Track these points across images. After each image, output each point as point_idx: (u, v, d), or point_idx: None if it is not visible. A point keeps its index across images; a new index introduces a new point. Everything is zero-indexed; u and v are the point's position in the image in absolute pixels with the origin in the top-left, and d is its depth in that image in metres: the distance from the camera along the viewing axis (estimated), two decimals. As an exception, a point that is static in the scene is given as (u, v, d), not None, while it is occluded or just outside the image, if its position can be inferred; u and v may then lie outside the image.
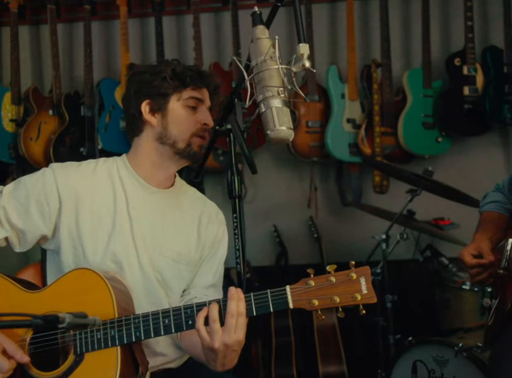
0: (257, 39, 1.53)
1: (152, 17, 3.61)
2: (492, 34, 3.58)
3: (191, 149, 1.73)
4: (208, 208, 1.87)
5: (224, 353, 1.45)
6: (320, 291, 1.42)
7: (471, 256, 1.88)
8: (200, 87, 1.75)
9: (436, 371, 2.27)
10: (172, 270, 1.74)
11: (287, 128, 1.45)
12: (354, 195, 3.63)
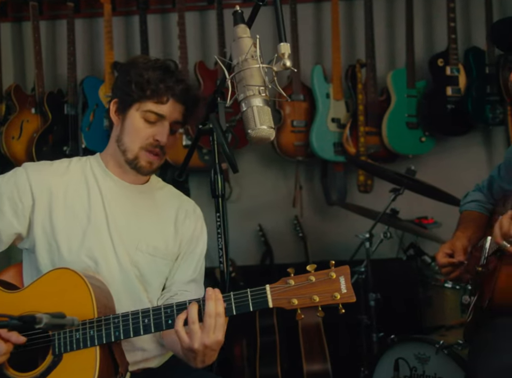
0: (238, 38, 1.53)
1: (137, 16, 3.60)
2: (474, 35, 3.62)
3: (138, 163, 1.70)
4: (184, 204, 1.86)
5: (203, 353, 1.45)
6: (299, 290, 1.43)
7: (444, 254, 1.91)
8: (163, 103, 1.68)
9: (418, 369, 2.29)
10: (149, 264, 1.74)
11: (268, 127, 1.45)
12: (339, 194, 3.64)
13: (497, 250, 1.72)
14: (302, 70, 3.55)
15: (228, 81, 1.51)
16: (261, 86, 1.48)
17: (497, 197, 2.03)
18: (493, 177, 2.08)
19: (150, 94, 1.66)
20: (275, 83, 1.50)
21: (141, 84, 1.66)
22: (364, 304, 2.94)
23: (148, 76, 1.66)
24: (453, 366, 2.13)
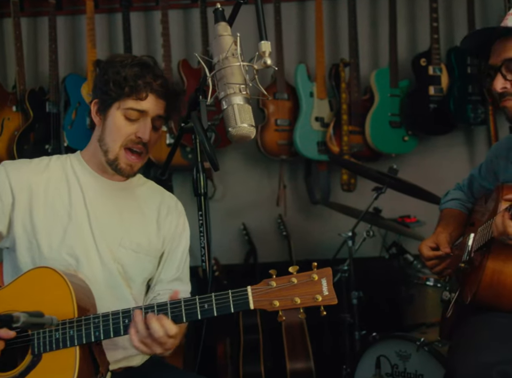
0: (219, 36, 1.53)
1: (120, 13, 3.57)
2: (457, 35, 3.65)
3: (118, 164, 1.70)
4: (166, 199, 1.86)
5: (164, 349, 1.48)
6: (281, 292, 1.42)
7: (428, 248, 1.92)
8: (142, 99, 1.67)
9: (399, 366, 2.31)
10: (132, 261, 1.74)
11: (248, 126, 1.46)
12: (323, 193, 3.66)
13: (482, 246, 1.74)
14: (286, 69, 3.55)
15: (208, 79, 1.51)
16: (241, 84, 1.48)
17: (478, 196, 2.05)
18: (473, 176, 2.10)
19: (128, 91, 1.66)
20: (256, 81, 1.51)
21: (119, 82, 1.65)
22: (346, 302, 2.95)
23: (124, 74, 1.65)
24: (434, 363, 2.15)
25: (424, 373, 2.24)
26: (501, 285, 1.63)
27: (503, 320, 1.65)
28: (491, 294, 1.65)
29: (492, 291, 1.64)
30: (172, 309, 1.47)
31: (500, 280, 1.62)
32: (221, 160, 3.72)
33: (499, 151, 1.97)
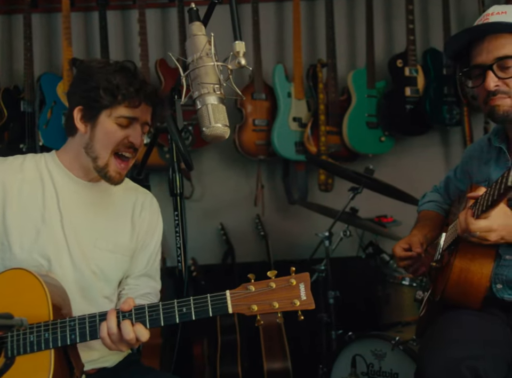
0: (193, 35, 1.53)
1: (96, 12, 3.54)
2: (432, 37, 3.69)
3: (107, 171, 1.68)
4: (141, 196, 1.86)
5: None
6: (259, 296, 1.43)
7: (401, 249, 1.94)
8: (135, 106, 1.67)
9: (374, 365, 2.33)
10: (109, 261, 1.73)
11: (222, 126, 1.45)
12: (300, 193, 3.67)
13: (450, 245, 1.76)
14: (264, 69, 3.56)
15: (182, 79, 1.50)
16: (215, 84, 1.47)
17: (454, 198, 2.08)
18: (449, 178, 2.13)
19: (121, 99, 1.64)
20: (230, 81, 1.50)
21: (111, 89, 1.63)
22: (323, 302, 2.96)
23: (116, 81, 1.64)
24: (408, 361, 2.17)
25: (399, 371, 2.26)
26: (468, 283, 1.65)
27: (470, 317, 1.67)
28: (458, 292, 1.67)
29: (459, 289, 1.67)
30: (150, 312, 1.46)
31: (467, 278, 1.65)
32: (199, 160, 3.72)
33: (473, 152, 2.00)
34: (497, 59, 1.68)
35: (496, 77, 1.68)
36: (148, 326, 1.47)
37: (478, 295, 1.66)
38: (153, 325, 1.46)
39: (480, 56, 1.72)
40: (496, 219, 1.54)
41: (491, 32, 1.69)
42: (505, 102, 1.70)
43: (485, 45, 1.71)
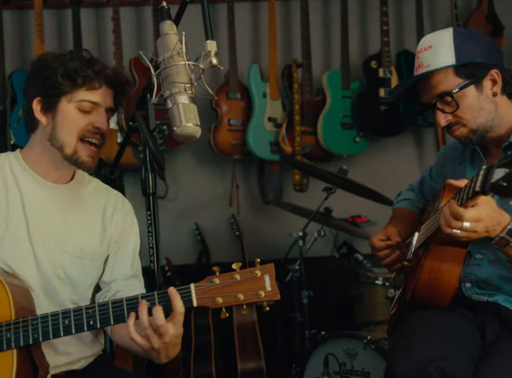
0: (164, 34, 1.52)
1: (70, 9, 3.49)
2: (406, 38, 3.72)
3: (79, 157, 1.64)
4: (112, 198, 1.81)
5: (166, 350, 1.45)
6: (224, 288, 1.43)
7: (379, 240, 1.96)
8: (96, 88, 1.63)
9: (347, 364, 2.34)
10: (76, 267, 1.69)
11: (193, 125, 1.45)
12: (275, 193, 3.67)
13: (422, 244, 1.78)
14: (239, 69, 3.55)
15: (153, 78, 1.50)
16: (187, 83, 1.47)
17: (429, 197, 2.10)
18: (424, 178, 2.16)
19: (81, 82, 1.60)
20: (202, 80, 1.50)
21: (69, 73, 1.59)
22: (297, 301, 2.97)
23: (73, 65, 1.60)
24: (380, 360, 2.19)
25: (370, 370, 2.28)
26: (438, 283, 1.67)
27: (440, 317, 1.69)
28: (428, 291, 1.69)
29: (429, 289, 1.69)
30: (114, 308, 1.45)
31: (437, 278, 1.66)
32: (174, 160, 3.70)
33: (447, 153, 2.03)
34: (437, 97, 1.74)
35: (443, 113, 1.74)
36: (112, 322, 1.45)
37: (448, 295, 1.68)
38: (118, 321, 1.45)
39: (424, 96, 1.80)
40: (483, 207, 1.50)
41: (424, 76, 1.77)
42: (462, 131, 1.76)
43: (423, 86, 1.79)
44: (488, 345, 1.64)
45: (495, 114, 1.74)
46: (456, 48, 1.72)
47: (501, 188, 1.24)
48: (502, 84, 1.74)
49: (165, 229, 3.48)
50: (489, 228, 1.53)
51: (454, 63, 1.71)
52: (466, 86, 1.72)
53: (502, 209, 1.57)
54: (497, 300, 1.74)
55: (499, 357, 1.58)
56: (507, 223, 1.54)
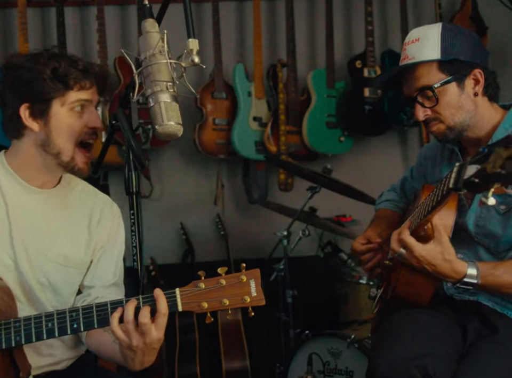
0: (146, 32, 1.51)
1: (54, 7, 3.46)
2: (390, 38, 3.74)
3: (75, 165, 1.61)
4: (99, 202, 1.77)
5: (143, 352, 1.42)
6: (210, 293, 1.42)
7: (360, 244, 1.96)
8: (86, 88, 1.60)
9: (330, 363, 2.34)
10: (59, 274, 1.66)
11: (175, 124, 1.45)
12: (260, 192, 3.67)
13: None
14: (224, 68, 3.54)
15: (135, 76, 1.49)
16: (168, 81, 1.46)
17: (410, 197, 2.11)
18: (405, 178, 2.17)
19: (73, 84, 1.57)
20: (184, 79, 1.50)
21: (58, 76, 1.56)
22: (282, 301, 2.98)
23: (61, 67, 1.56)
24: (363, 359, 2.19)
25: (354, 369, 2.28)
26: (418, 282, 1.68)
27: (420, 315, 1.70)
28: (408, 290, 1.70)
29: (409, 288, 1.70)
30: (98, 312, 1.44)
31: (417, 277, 1.67)
32: (159, 159, 3.69)
33: (427, 153, 2.04)
34: (418, 90, 1.73)
35: (423, 107, 1.74)
36: (96, 326, 1.43)
37: (428, 293, 1.69)
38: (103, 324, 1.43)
39: (405, 89, 1.79)
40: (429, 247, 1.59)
41: (408, 67, 1.76)
42: (440, 127, 1.76)
43: (405, 79, 1.78)
44: (469, 343, 1.66)
45: (473, 114, 1.75)
46: (443, 43, 1.72)
47: (473, 184, 1.25)
48: (484, 84, 1.75)
49: (150, 229, 3.52)
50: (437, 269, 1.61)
51: (439, 57, 1.71)
52: (448, 82, 1.72)
53: None
54: (478, 299, 1.75)
55: (480, 355, 1.60)
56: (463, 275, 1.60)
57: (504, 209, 1.70)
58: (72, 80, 1.57)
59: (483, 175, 1.22)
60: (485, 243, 1.75)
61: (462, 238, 1.76)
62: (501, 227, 1.71)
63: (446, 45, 1.71)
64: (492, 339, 1.63)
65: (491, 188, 1.21)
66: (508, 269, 1.63)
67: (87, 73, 1.60)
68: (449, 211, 1.63)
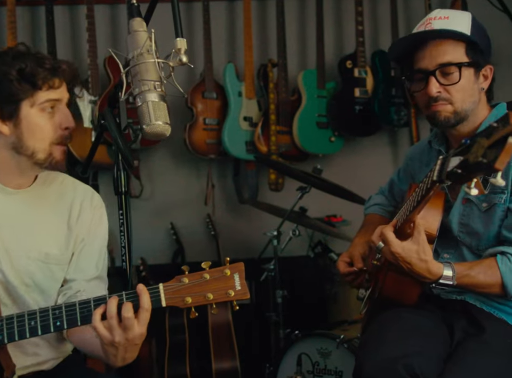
0: (134, 31, 1.51)
1: (43, 6, 3.45)
2: (381, 38, 3.74)
3: (53, 159, 1.57)
4: (79, 195, 1.74)
5: (125, 348, 1.41)
6: (193, 288, 1.41)
7: (345, 264, 1.96)
8: (55, 87, 1.55)
9: (320, 363, 2.34)
10: (43, 272, 1.64)
11: (163, 123, 1.44)
12: (251, 192, 3.67)
13: None
14: (214, 68, 3.54)
15: (122, 76, 1.48)
16: (156, 81, 1.46)
17: (399, 200, 2.11)
18: (393, 180, 2.16)
19: (41, 83, 1.52)
20: (172, 78, 1.49)
21: (26, 77, 1.51)
22: (272, 301, 2.97)
23: (28, 67, 1.51)
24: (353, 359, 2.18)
25: (343, 369, 2.28)
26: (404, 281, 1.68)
27: (408, 315, 1.70)
28: (395, 289, 1.70)
29: (396, 287, 1.70)
30: (81, 309, 1.42)
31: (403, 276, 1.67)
32: (149, 159, 3.68)
33: (414, 154, 2.03)
34: (439, 65, 1.70)
35: (438, 83, 1.70)
36: (79, 323, 1.42)
37: (414, 293, 1.69)
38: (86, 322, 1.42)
39: (422, 62, 1.73)
40: (405, 244, 1.58)
41: (434, 38, 1.71)
42: (446, 108, 1.72)
43: (427, 50, 1.72)
44: (456, 342, 1.66)
45: (476, 107, 1.75)
46: (473, 27, 1.70)
47: (457, 175, 1.25)
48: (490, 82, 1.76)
49: (140, 229, 3.51)
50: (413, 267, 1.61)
51: (469, 34, 1.68)
52: (470, 65, 1.70)
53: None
54: (465, 298, 1.76)
55: (467, 354, 1.60)
56: (438, 277, 1.61)
57: (486, 206, 1.71)
58: (40, 80, 1.52)
59: (466, 166, 1.22)
60: (467, 242, 1.76)
61: (447, 239, 1.77)
62: (483, 224, 1.71)
63: (475, 30, 1.70)
64: (479, 339, 1.63)
65: (474, 179, 1.21)
66: (482, 270, 1.64)
67: (55, 71, 1.56)
68: (435, 211, 1.64)
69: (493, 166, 1.13)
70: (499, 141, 1.14)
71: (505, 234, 1.68)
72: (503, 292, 1.65)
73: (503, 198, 1.68)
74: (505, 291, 1.64)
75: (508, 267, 1.63)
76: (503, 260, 1.64)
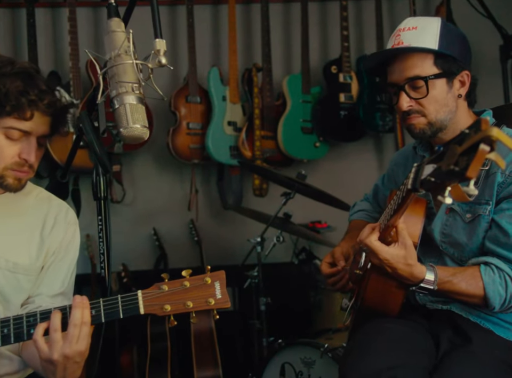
0: (111, 31, 1.46)
1: (24, 8, 3.39)
2: (366, 44, 3.74)
3: (4, 181, 1.52)
4: (54, 208, 1.70)
5: (64, 365, 1.34)
6: (173, 296, 1.38)
7: (327, 265, 1.93)
8: (26, 119, 1.48)
9: (304, 373, 2.30)
10: (8, 281, 1.59)
11: (141, 127, 1.40)
12: (235, 197, 3.63)
13: None
14: (198, 72, 3.50)
15: (99, 77, 1.43)
16: (134, 83, 1.41)
17: (384, 206, 2.08)
18: (377, 186, 2.14)
19: (10, 110, 1.46)
20: (151, 80, 1.45)
21: None
22: (256, 308, 2.93)
23: (5, 89, 1.45)
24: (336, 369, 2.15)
25: (327, 379, 2.25)
26: (387, 291, 1.65)
27: (393, 325, 1.67)
28: (377, 300, 1.67)
29: (377, 296, 1.66)
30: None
31: (386, 285, 1.64)
32: (132, 163, 3.63)
33: (399, 160, 2.02)
34: (408, 80, 1.69)
35: (408, 97, 1.70)
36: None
37: (396, 303, 1.66)
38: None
39: (393, 76, 1.73)
40: (393, 250, 1.57)
41: (400, 54, 1.71)
42: (420, 121, 1.72)
43: (396, 65, 1.72)
44: (442, 353, 1.62)
45: (454, 115, 1.72)
46: (441, 37, 1.68)
47: (430, 184, 1.22)
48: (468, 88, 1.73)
49: (122, 235, 3.46)
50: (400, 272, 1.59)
51: (436, 49, 1.67)
52: (439, 76, 1.68)
53: None
54: (451, 308, 1.73)
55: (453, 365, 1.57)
56: (420, 280, 1.60)
57: (470, 217, 1.68)
58: (9, 106, 1.46)
59: (439, 174, 1.19)
60: (449, 252, 1.74)
61: (431, 247, 1.74)
62: (466, 236, 1.69)
63: (444, 39, 1.68)
64: (466, 349, 1.60)
65: (447, 187, 1.17)
66: (465, 278, 1.61)
67: (32, 104, 1.48)
68: (416, 219, 1.61)
69: (465, 174, 1.09)
70: (471, 148, 1.10)
71: (489, 246, 1.65)
72: (483, 303, 1.62)
73: (487, 209, 1.64)
74: (487, 303, 1.61)
75: (491, 278, 1.60)
76: (486, 271, 1.61)
